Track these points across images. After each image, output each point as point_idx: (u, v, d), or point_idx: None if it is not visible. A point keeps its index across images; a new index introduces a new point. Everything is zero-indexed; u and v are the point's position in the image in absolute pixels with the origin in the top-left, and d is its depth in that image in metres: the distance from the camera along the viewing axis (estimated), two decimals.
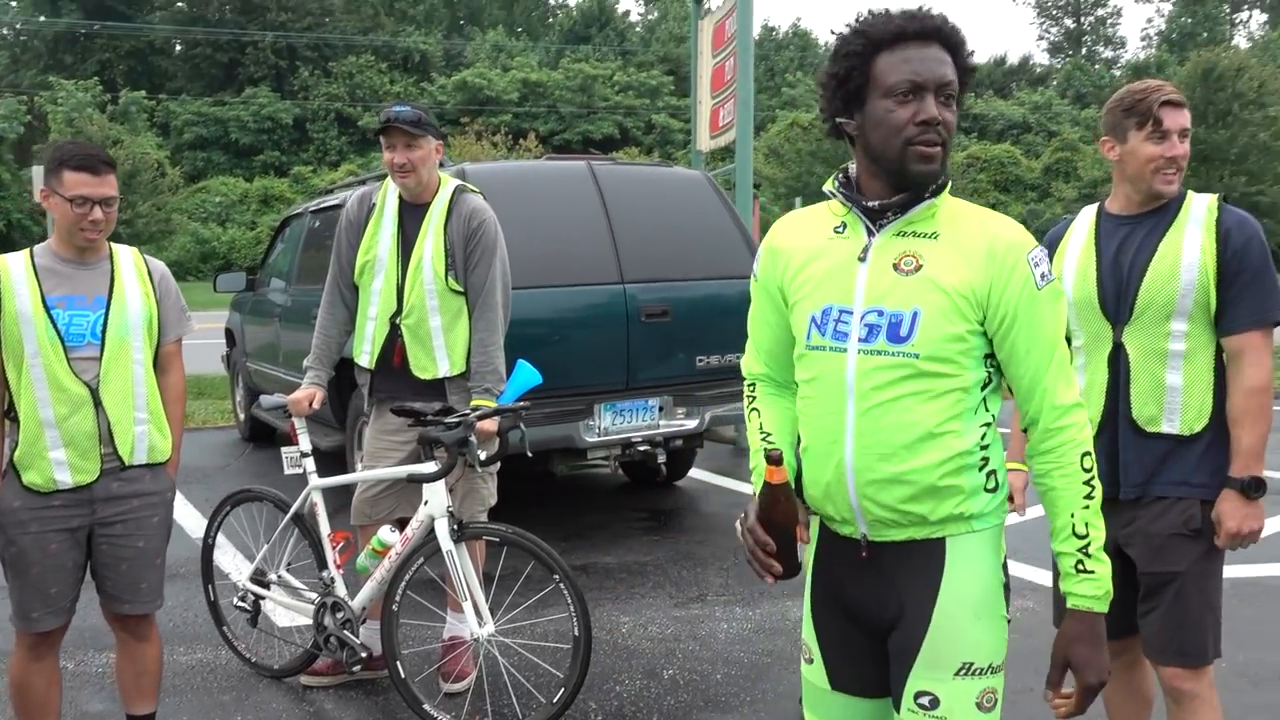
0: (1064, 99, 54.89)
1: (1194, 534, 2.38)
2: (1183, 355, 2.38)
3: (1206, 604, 2.41)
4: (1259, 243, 2.38)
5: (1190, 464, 2.39)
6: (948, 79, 1.65)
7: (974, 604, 1.70)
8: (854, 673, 1.83)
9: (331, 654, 3.57)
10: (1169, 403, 2.39)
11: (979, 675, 1.71)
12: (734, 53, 7.53)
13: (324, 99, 47.97)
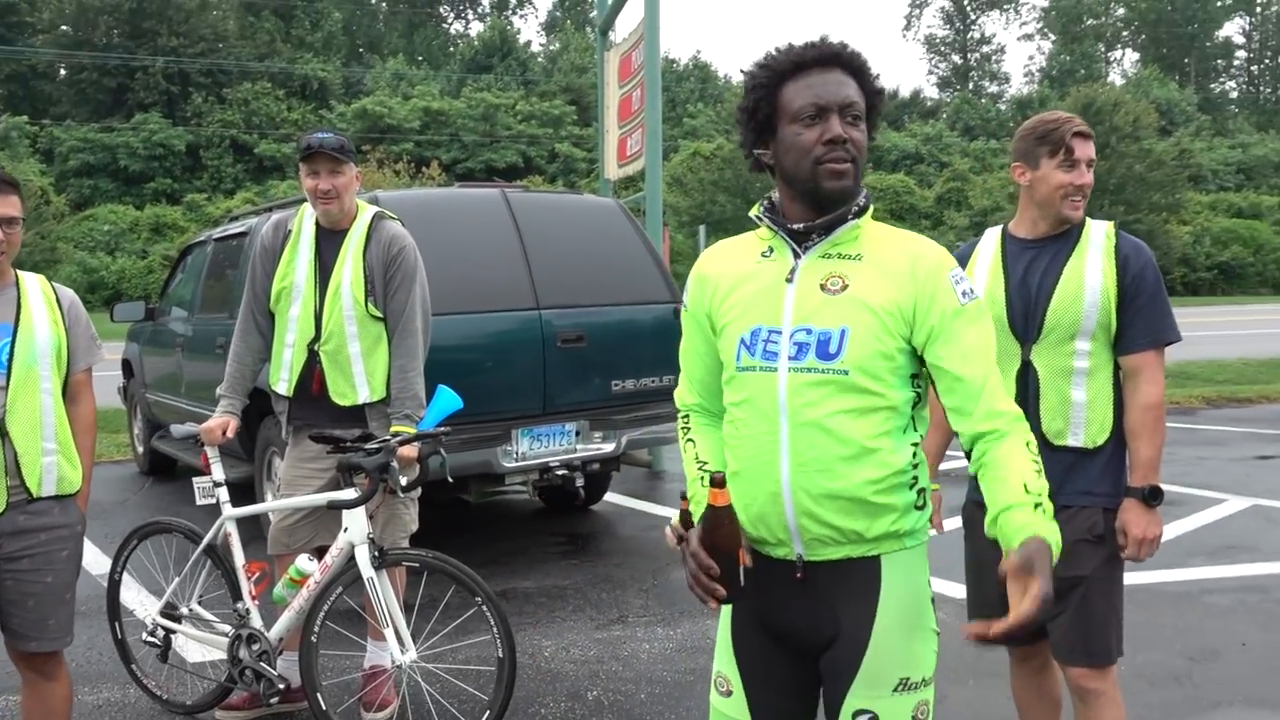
0: (953, 131, 57.00)
1: (1098, 540, 2.51)
2: (1086, 372, 2.51)
3: (1110, 606, 2.54)
4: (1153, 268, 2.53)
5: (1094, 475, 2.51)
6: (850, 99, 1.72)
7: (909, 620, 1.74)
8: (776, 703, 1.84)
9: (247, 687, 3.48)
10: (1074, 417, 2.51)
11: (914, 689, 1.74)
12: (641, 84, 7.66)
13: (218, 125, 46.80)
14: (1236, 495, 6.69)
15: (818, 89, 1.71)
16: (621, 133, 8.46)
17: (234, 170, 46.56)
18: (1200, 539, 5.69)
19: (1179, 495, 6.67)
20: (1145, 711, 3.51)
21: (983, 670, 3.87)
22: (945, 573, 4.98)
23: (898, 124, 59.23)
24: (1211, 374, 13.00)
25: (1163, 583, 4.91)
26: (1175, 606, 4.58)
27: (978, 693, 3.72)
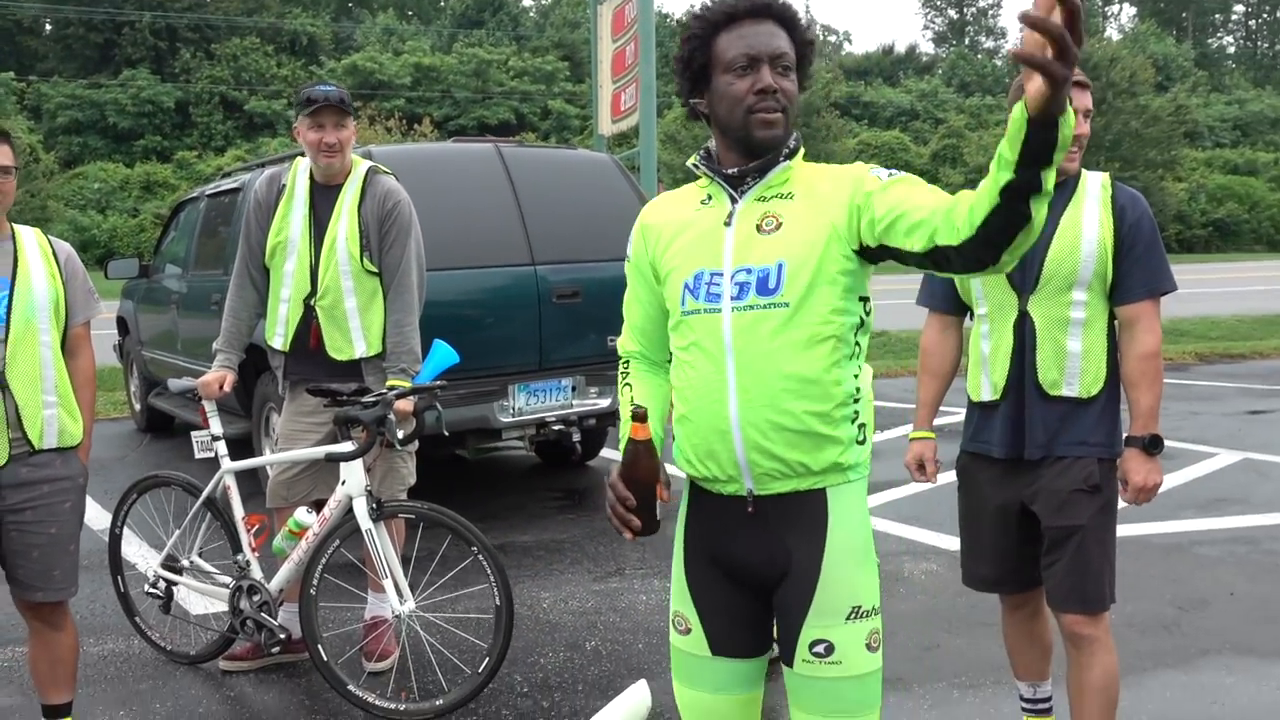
0: (949, 87, 56.66)
1: (1093, 490, 2.53)
2: (1082, 323, 2.52)
3: (1104, 555, 2.57)
4: (1149, 219, 2.54)
5: (1089, 425, 2.54)
6: (780, 50, 1.75)
7: (856, 551, 1.80)
8: (734, 635, 1.89)
9: (249, 637, 3.53)
10: (1069, 368, 2.53)
11: (865, 617, 1.80)
12: (635, 38, 7.60)
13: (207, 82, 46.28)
14: (1228, 449, 6.76)
15: (749, 39, 1.75)
16: (615, 88, 8.40)
17: (224, 127, 46.12)
18: (1191, 492, 5.76)
19: (1171, 449, 6.72)
20: (1134, 659, 3.57)
21: (975, 621, 3.93)
22: (938, 525, 5.08)
23: (893, 80, 58.76)
24: (1205, 330, 13.06)
25: (1153, 534, 4.97)
26: (1166, 558, 4.65)
27: (970, 641, 3.78)
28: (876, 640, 1.82)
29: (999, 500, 2.66)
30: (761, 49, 1.74)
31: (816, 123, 36.82)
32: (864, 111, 51.55)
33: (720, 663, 1.89)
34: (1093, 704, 2.58)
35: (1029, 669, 2.87)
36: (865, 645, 1.80)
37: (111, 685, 3.59)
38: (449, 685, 3.43)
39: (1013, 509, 2.64)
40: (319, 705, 3.42)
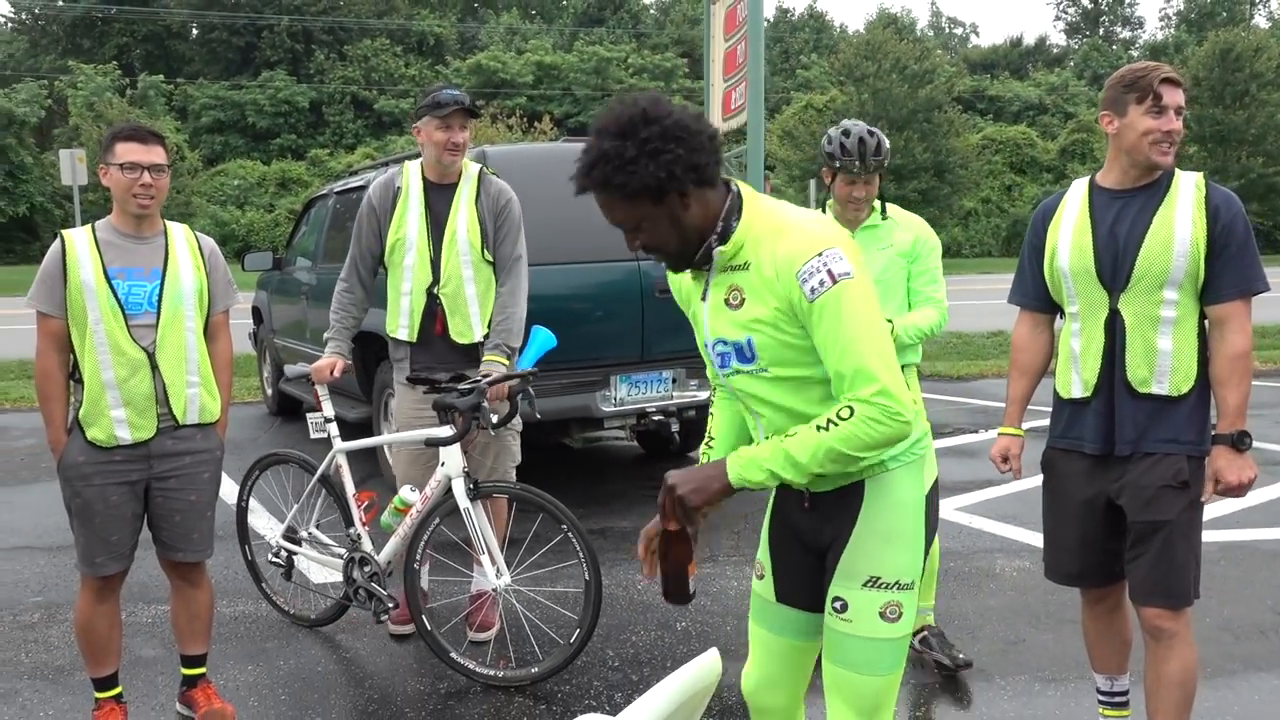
0: (1081, 80, 54.61)
1: (1182, 486, 2.56)
2: (1173, 322, 2.55)
3: (1190, 551, 2.59)
4: (1243, 219, 2.55)
5: (1179, 423, 2.57)
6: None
7: (884, 529, 1.96)
8: (796, 588, 2.12)
9: (361, 605, 3.82)
10: (1159, 366, 2.56)
11: (884, 589, 1.96)
12: (745, 37, 7.71)
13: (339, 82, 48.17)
14: None
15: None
16: (727, 86, 8.51)
17: (354, 126, 47.92)
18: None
19: (1275, 454, 6.51)
20: (1225, 662, 3.55)
21: (1063, 618, 3.95)
22: (1032, 524, 5.07)
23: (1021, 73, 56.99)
24: None
25: (1258, 540, 4.86)
26: (1269, 564, 4.55)
27: (1056, 637, 3.81)
28: (895, 613, 1.97)
29: (1086, 495, 2.70)
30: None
31: (938, 118, 35.99)
32: (989, 106, 50.18)
33: (781, 609, 2.15)
34: (1170, 697, 2.62)
35: (1107, 662, 2.90)
36: (879, 613, 1.97)
37: (241, 643, 3.93)
38: (543, 655, 3.65)
39: (1099, 503, 2.68)
40: (425, 669, 3.68)
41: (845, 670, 2.00)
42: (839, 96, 39.01)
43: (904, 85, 35.67)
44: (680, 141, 1.76)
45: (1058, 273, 2.72)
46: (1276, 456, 6.48)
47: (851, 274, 1.78)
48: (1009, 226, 41.27)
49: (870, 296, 1.82)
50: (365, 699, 3.48)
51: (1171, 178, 2.60)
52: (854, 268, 1.79)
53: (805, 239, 1.80)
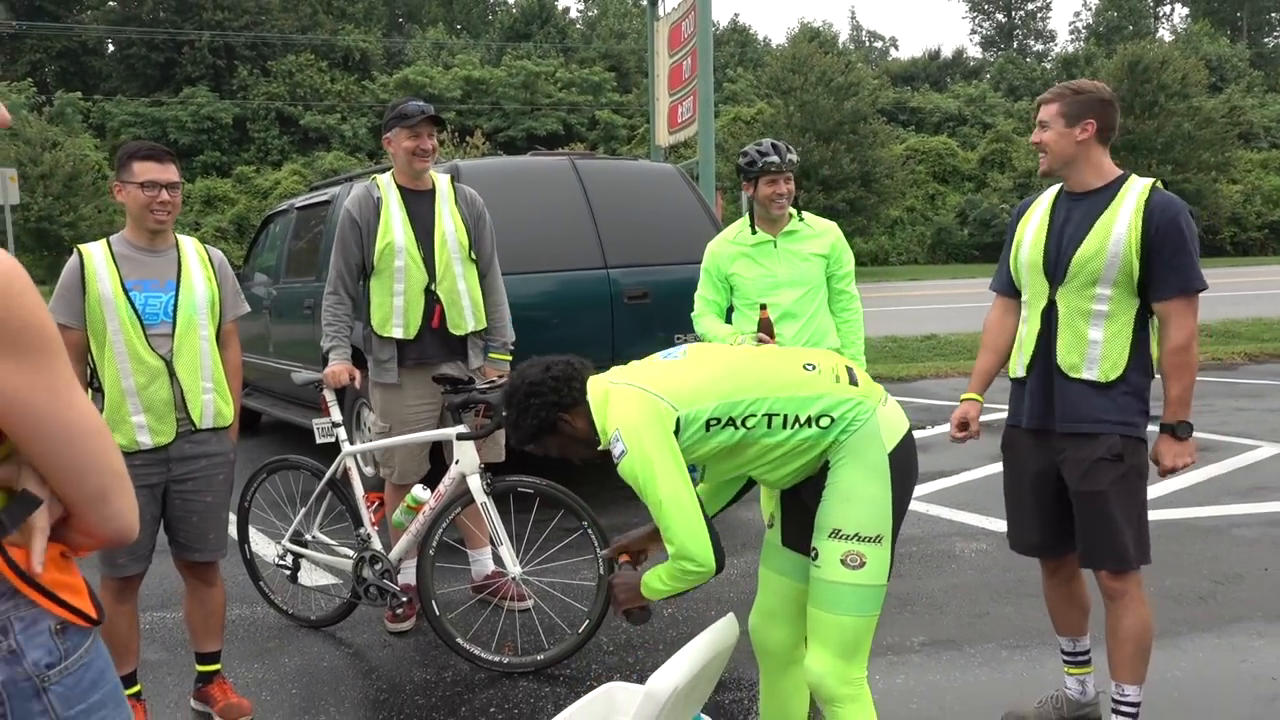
0: (997, 92, 56.28)
1: (1115, 459, 2.82)
2: (1105, 315, 2.81)
3: (1127, 518, 2.85)
4: (1179, 223, 2.77)
5: (1105, 406, 2.83)
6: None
7: (843, 491, 2.34)
8: (798, 536, 2.50)
9: (372, 603, 3.96)
10: (1089, 354, 2.83)
11: (844, 539, 2.33)
12: (693, 52, 8.00)
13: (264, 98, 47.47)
14: (1270, 442, 6.98)
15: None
16: (672, 100, 8.80)
17: (280, 142, 47.24)
18: (1232, 480, 6.01)
19: (1215, 442, 6.98)
20: (1171, 625, 3.87)
21: (1023, 592, 4.25)
22: (985, 510, 5.40)
23: (940, 85, 58.57)
24: (1257, 332, 13.14)
25: (1194, 518, 5.25)
26: (1204, 539, 4.93)
27: (1017, 609, 4.11)
28: (855, 560, 2.32)
29: (1036, 467, 2.98)
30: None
31: (863, 129, 36.87)
32: (911, 117, 51.43)
33: (786, 552, 2.56)
34: (1126, 650, 2.88)
35: (1069, 626, 3.17)
36: (840, 560, 2.33)
37: (243, 643, 4.04)
38: (549, 643, 3.83)
39: (1050, 476, 2.95)
40: (429, 660, 3.84)
41: (818, 610, 2.37)
42: (766, 109, 39.75)
43: (830, 98, 36.48)
44: (538, 394, 2.39)
45: (1019, 264, 3.01)
46: (1212, 443, 6.94)
47: (627, 452, 2.25)
48: (934, 234, 42.37)
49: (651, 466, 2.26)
50: (374, 689, 3.62)
51: (1124, 183, 2.85)
52: (628, 446, 2.25)
53: (615, 416, 2.30)
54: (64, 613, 1.21)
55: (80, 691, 1.23)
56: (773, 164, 3.86)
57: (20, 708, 1.17)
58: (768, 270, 3.96)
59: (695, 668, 2.38)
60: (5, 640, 1.17)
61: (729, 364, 2.41)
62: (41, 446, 1.17)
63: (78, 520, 1.22)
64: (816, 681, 2.38)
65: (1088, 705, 3.17)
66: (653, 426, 2.25)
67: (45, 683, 1.19)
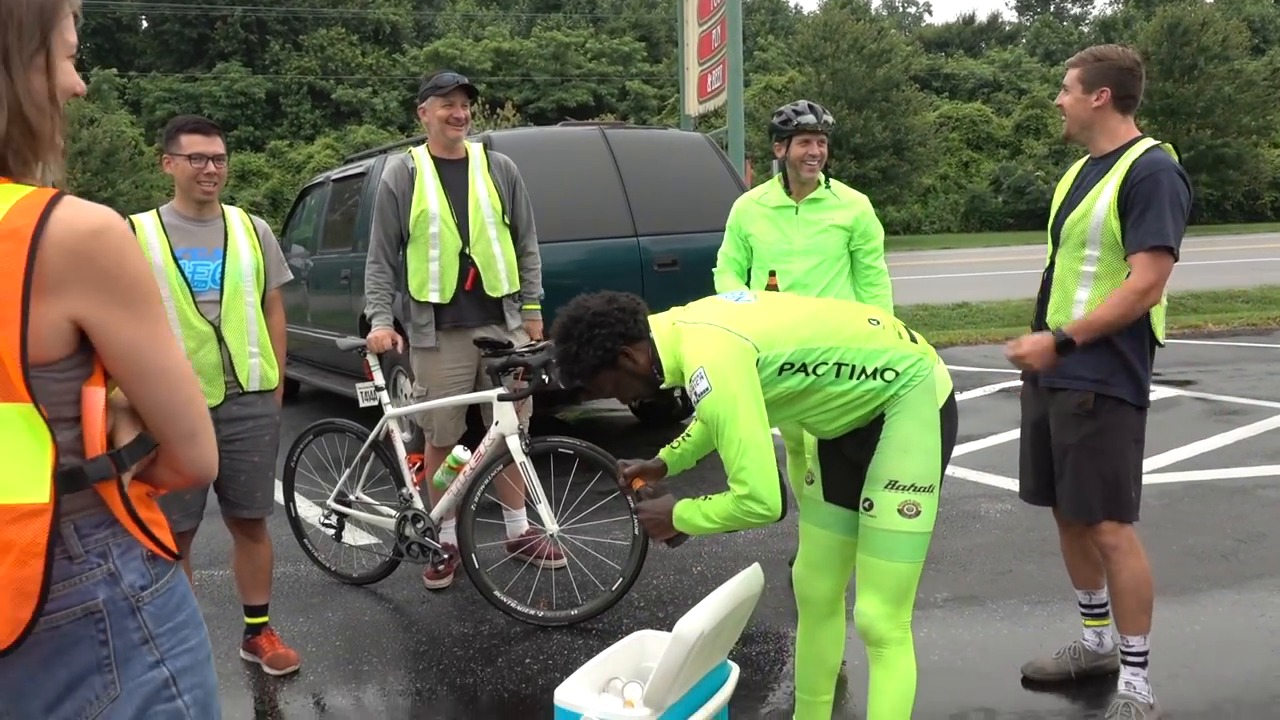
0: (1033, 57, 55.49)
1: (1087, 415, 2.90)
2: (1093, 276, 2.88)
3: (1096, 471, 2.91)
4: (1154, 183, 2.77)
5: (1088, 362, 2.89)
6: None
7: (899, 443, 2.38)
8: (840, 490, 2.55)
9: (414, 560, 4.12)
10: (1074, 313, 2.90)
11: (901, 490, 2.37)
12: (722, 21, 8.02)
13: (296, 73, 47.74)
14: None
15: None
16: (702, 69, 8.84)
17: (312, 116, 47.53)
18: (1261, 443, 6.03)
19: (1244, 406, 6.99)
20: (1192, 583, 3.94)
21: (1045, 550, 4.34)
22: (1010, 472, 5.45)
23: (975, 51, 57.72)
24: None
25: (1221, 479, 5.30)
26: (1229, 499, 4.98)
27: (1039, 567, 4.19)
28: (913, 510, 2.38)
29: (1034, 416, 3.12)
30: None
31: (896, 97, 36.50)
32: (945, 84, 50.82)
33: (828, 507, 2.60)
34: (1126, 603, 2.96)
35: (1084, 579, 3.26)
36: (897, 510, 2.38)
37: (288, 599, 4.22)
38: (583, 599, 3.97)
39: (1044, 426, 3.07)
40: (466, 615, 4.00)
41: (872, 558, 2.42)
42: (797, 77, 39.44)
43: (862, 65, 36.16)
44: (604, 324, 2.31)
45: (1049, 229, 3.11)
46: (1231, 406, 6.96)
47: (711, 390, 2.23)
48: (967, 202, 41.97)
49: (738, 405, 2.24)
50: (415, 641, 3.79)
51: (1129, 147, 2.89)
52: (713, 384, 2.24)
53: (695, 357, 2.29)
54: (153, 545, 1.34)
55: (168, 612, 1.36)
56: (808, 123, 3.84)
57: (118, 623, 1.31)
58: (784, 235, 3.95)
59: (721, 614, 2.49)
60: (105, 563, 1.30)
61: (807, 311, 2.43)
62: (145, 388, 1.30)
63: (169, 458, 1.35)
64: (867, 624, 2.44)
65: (1105, 656, 3.26)
66: (738, 365, 2.25)
67: (139, 602, 1.33)
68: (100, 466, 1.27)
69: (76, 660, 1.29)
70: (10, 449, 1.21)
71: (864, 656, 3.23)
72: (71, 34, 1.35)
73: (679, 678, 2.41)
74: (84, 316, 1.24)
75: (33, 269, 1.19)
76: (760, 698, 3.26)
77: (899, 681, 2.44)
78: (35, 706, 1.29)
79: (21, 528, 1.21)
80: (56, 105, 1.33)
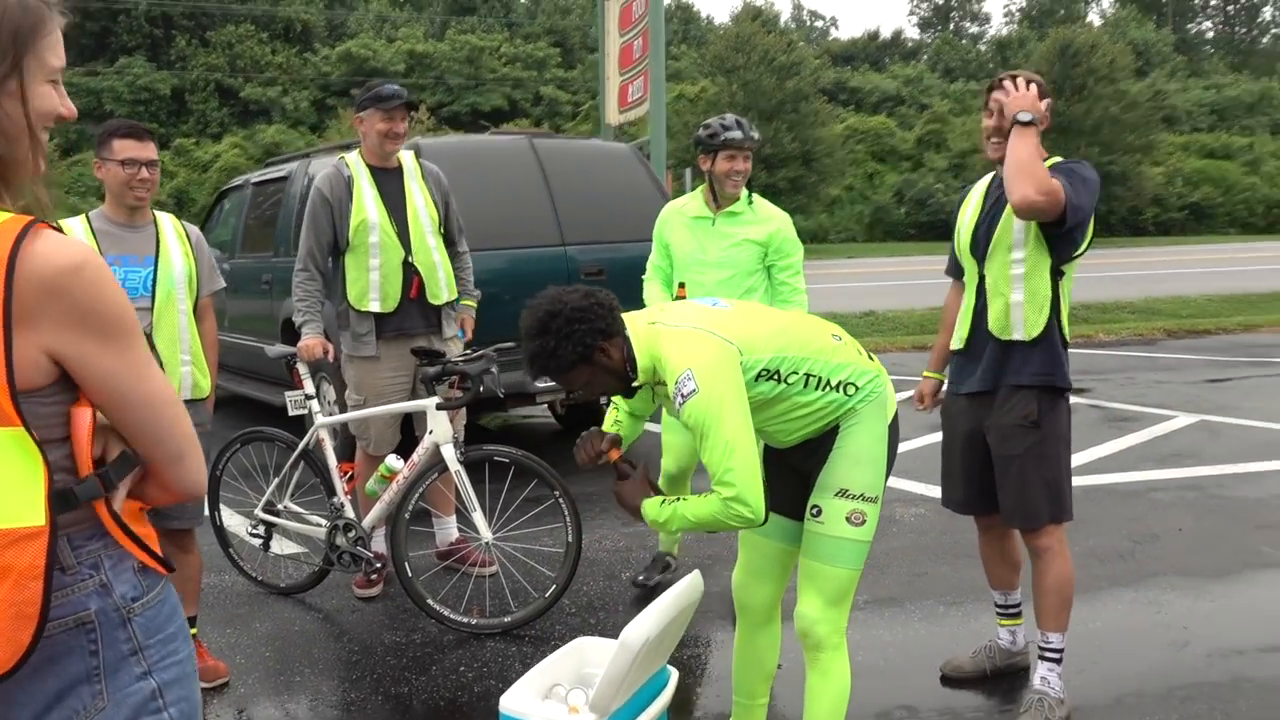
0: (934, 73, 57.12)
1: (1032, 425, 3.07)
2: (1023, 276, 3.04)
3: (1042, 480, 3.09)
4: (1069, 165, 2.96)
5: (1032, 362, 3.08)
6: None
7: (852, 454, 2.48)
8: (784, 500, 2.60)
9: (345, 569, 4.10)
10: (1014, 317, 3.08)
11: (851, 499, 2.47)
12: (644, 33, 8.14)
13: (203, 69, 46.31)
14: (1186, 413, 7.40)
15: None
16: (623, 80, 8.95)
17: (220, 114, 46.12)
18: (1151, 448, 6.40)
19: (1135, 413, 7.39)
20: (1092, 581, 4.18)
21: (958, 553, 4.54)
22: (925, 478, 5.68)
23: (879, 65, 59.20)
24: (1176, 309, 13.73)
25: (1116, 483, 5.61)
26: (1125, 502, 5.28)
27: (953, 569, 4.39)
28: (859, 518, 2.49)
29: (967, 429, 3.23)
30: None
31: (805, 109, 37.25)
32: (851, 97, 51.96)
33: (771, 515, 2.57)
34: (1049, 602, 3.14)
35: (1001, 580, 3.43)
36: (845, 517, 2.47)
37: (214, 610, 4.16)
38: (516, 606, 4.01)
39: (978, 438, 3.19)
40: (398, 624, 4.00)
41: (816, 562, 2.52)
42: (710, 87, 39.91)
43: (772, 77, 36.84)
44: (584, 319, 2.30)
45: (960, 249, 3.26)
46: (1123, 414, 7.36)
47: (698, 392, 2.27)
48: (872, 213, 43.03)
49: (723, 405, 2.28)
50: (347, 650, 3.78)
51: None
52: (701, 386, 2.27)
53: (678, 362, 2.33)
54: (146, 558, 1.36)
55: (158, 624, 1.38)
56: (735, 139, 3.88)
57: (109, 634, 1.32)
58: (699, 246, 4.01)
59: (664, 620, 2.56)
60: (97, 575, 1.32)
61: (781, 322, 2.53)
62: (127, 416, 1.32)
63: (158, 478, 1.38)
64: (808, 627, 2.52)
65: (1018, 654, 3.45)
66: (725, 369, 2.30)
67: (130, 614, 1.34)
68: (90, 487, 1.29)
69: (67, 670, 1.30)
70: (4, 473, 1.22)
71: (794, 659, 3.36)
72: (54, 56, 1.33)
73: (624, 683, 2.47)
74: (59, 350, 1.25)
75: (11, 295, 1.19)
76: (695, 701, 3.35)
77: (835, 685, 2.55)
78: (24, 716, 1.30)
79: (19, 551, 1.22)
80: (31, 130, 1.30)
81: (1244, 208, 43.57)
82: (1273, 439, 6.54)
